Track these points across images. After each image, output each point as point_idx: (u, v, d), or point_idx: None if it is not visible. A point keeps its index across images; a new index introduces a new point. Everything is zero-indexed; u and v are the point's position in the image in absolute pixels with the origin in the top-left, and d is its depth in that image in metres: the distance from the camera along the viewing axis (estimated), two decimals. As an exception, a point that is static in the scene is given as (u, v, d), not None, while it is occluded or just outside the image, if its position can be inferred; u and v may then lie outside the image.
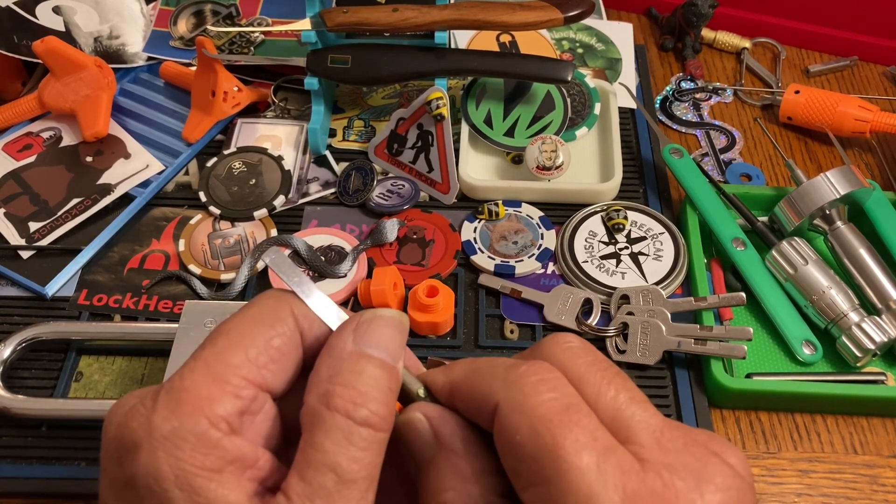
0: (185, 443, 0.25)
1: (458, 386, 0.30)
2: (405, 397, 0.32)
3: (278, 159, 0.62)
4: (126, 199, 0.60)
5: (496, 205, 0.58)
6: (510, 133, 0.62)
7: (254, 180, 0.61)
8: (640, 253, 0.56)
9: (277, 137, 0.65)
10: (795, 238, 0.54)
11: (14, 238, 0.57)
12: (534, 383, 0.28)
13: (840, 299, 0.51)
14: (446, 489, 0.29)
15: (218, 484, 0.26)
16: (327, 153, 0.63)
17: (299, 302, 0.30)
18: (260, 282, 0.55)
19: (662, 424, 0.28)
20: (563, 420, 0.26)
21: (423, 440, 0.30)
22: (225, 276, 0.55)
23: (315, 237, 0.57)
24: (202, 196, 0.60)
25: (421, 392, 0.32)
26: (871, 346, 0.50)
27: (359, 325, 0.28)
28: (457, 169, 0.60)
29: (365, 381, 0.27)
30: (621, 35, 0.73)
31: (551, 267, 0.57)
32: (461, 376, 0.30)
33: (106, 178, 0.60)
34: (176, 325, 0.49)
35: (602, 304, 0.54)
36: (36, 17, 0.69)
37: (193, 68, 0.66)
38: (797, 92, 0.66)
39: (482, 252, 0.57)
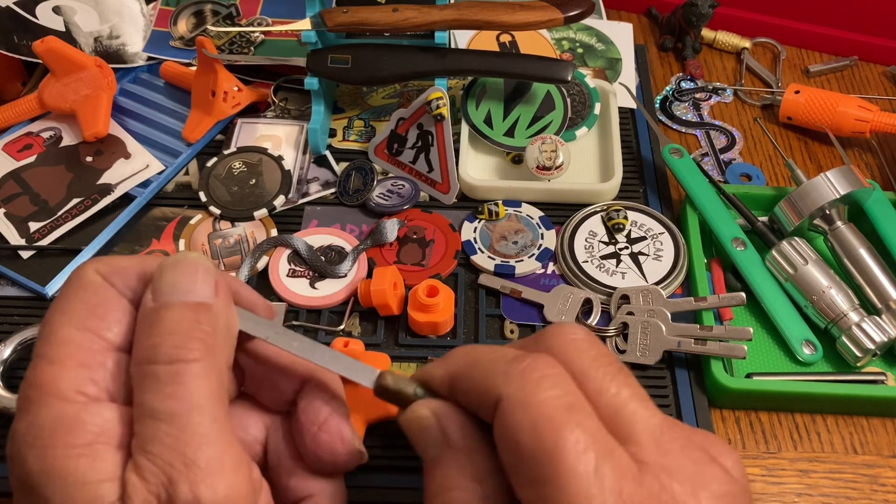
0: (42, 430, 0.25)
1: (458, 378, 0.30)
2: (402, 399, 0.32)
3: (278, 159, 0.62)
4: (126, 199, 0.60)
5: (496, 205, 0.58)
6: (510, 133, 0.62)
7: (254, 180, 0.61)
8: (640, 253, 0.56)
9: (277, 137, 0.65)
10: (795, 238, 0.54)
11: (14, 238, 0.57)
12: (536, 380, 0.27)
13: (840, 299, 0.51)
14: (452, 488, 0.29)
15: (88, 459, 0.25)
16: (327, 153, 0.63)
17: (101, 261, 0.29)
18: (260, 281, 0.55)
19: (662, 424, 0.28)
20: (564, 420, 0.26)
21: (431, 438, 0.30)
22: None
23: (315, 237, 0.57)
24: (202, 196, 0.60)
25: (418, 391, 0.31)
26: (871, 346, 0.50)
27: (153, 283, 0.28)
28: (457, 169, 0.60)
29: (163, 325, 0.27)
30: (621, 35, 0.73)
31: (551, 267, 0.57)
32: (461, 368, 0.30)
33: (106, 178, 0.60)
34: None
35: (602, 304, 0.54)
36: (36, 17, 0.69)
37: (193, 68, 0.66)
38: (797, 92, 0.66)
39: (482, 252, 0.57)
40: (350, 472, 0.33)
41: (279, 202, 0.60)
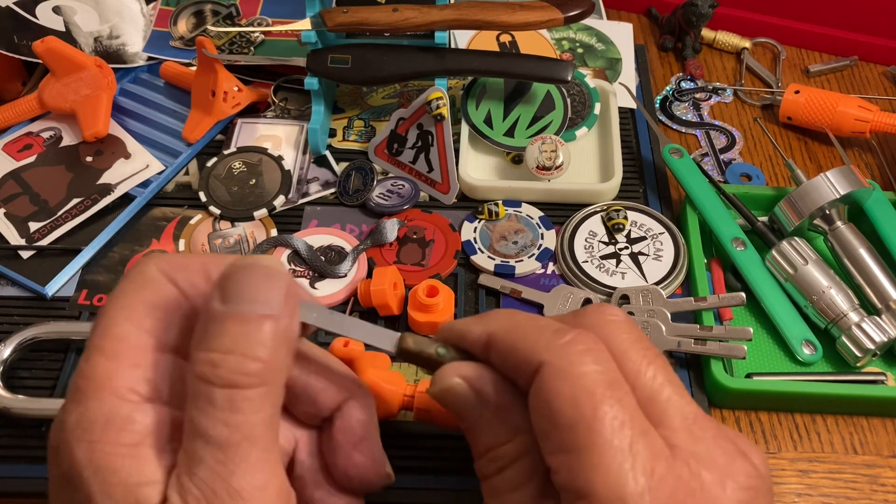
0: (94, 425, 0.25)
1: (496, 339, 0.30)
2: (424, 361, 0.32)
3: (278, 159, 0.62)
4: (126, 199, 0.60)
5: (496, 205, 0.58)
6: (510, 133, 0.62)
7: (254, 180, 0.61)
8: (640, 253, 0.56)
9: (277, 137, 0.65)
10: (795, 238, 0.54)
11: (14, 238, 0.57)
12: (580, 352, 0.28)
13: (840, 299, 0.51)
14: (501, 442, 0.29)
15: (133, 460, 0.25)
16: (327, 153, 0.63)
17: (164, 259, 0.29)
18: (260, 282, 0.55)
19: (696, 413, 0.28)
20: (605, 394, 0.26)
21: (467, 402, 0.30)
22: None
23: (315, 237, 0.57)
24: (202, 196, 0.60)
25: (441, 350, 0.31)
26: (871, 346, 0.50)
27: (223, 281, 0.27)
28: (457, 169, 0.60)
29: (226, 340, 0.25)
30: (621, 35, 0.73)
31: (551, 267, 0.57)
32: (501, 330, 0.30)
33: (106, 178, 0.60)
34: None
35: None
36: (36, 17, 0.69)
37: (193, 68, 0.66)
38: (797, 92, 0.66)
39: (482, 252, 0.57)
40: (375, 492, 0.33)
41: (279, 202, 0.60)
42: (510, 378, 0.30)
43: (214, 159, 0.62)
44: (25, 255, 0.56)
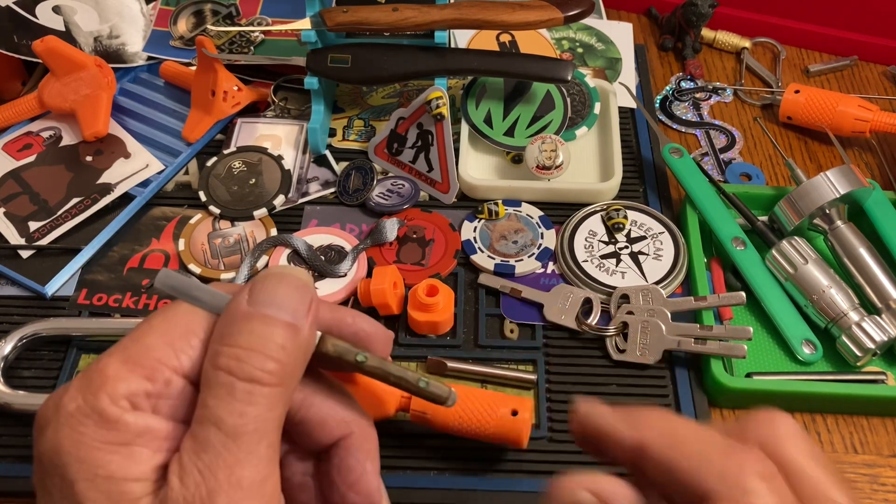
0: (87, 419, 0.26)
1: (652, 451, 0.27)
2: (343, 365, 0.31)
3: (278, 159, 0.62)
4: (126, 198, 0.60)
5: (496, 204, 0.58)
6: (510, 133, 0.62)
7: (253, 180, 0.61)
8: (640, 252, 0.56)
9: (277, 137, 0.65)
10: (795, 237, 0.54)
11: (14, 237, 0.57)
12: (757, 480, 0.25)
13: (840, 299, 0.51)
14: None
15: (122, 456, 0.26)
16: (327, 153, 0.63)
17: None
18: (260, 281, 0.55)
19: None
20: None
21: None
22: (225, 276, 0.55)
23: (315, 237, 0.57)
24: (202, 195, 0.60)
25: (360, 357, 0.30)
26: (871, 346, 0.49)
27: (252, 285, 0.28)
28: (457, 168, 0.60)
29: (251, 338, 0.27)
30: (621, 35, 0.73)
31: (551, 266, 0.57)
32: (658, 441, 0.27)
33: (106, 178, 0.60)
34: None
35: (602, 303, 0.54)
36: (36, 17, 0.69)
37: (193, 68, 0.66)
38: (797, 91, 0.66)
39: (482, 251, 0.57)
40: None
41: (279, 202, 0.60)
42: (663, 490, 0.27)
43: (214, 159, 0.62)
44: (25, 254, 0.56)
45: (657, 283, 0.54)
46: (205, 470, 0.25)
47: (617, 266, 0.56)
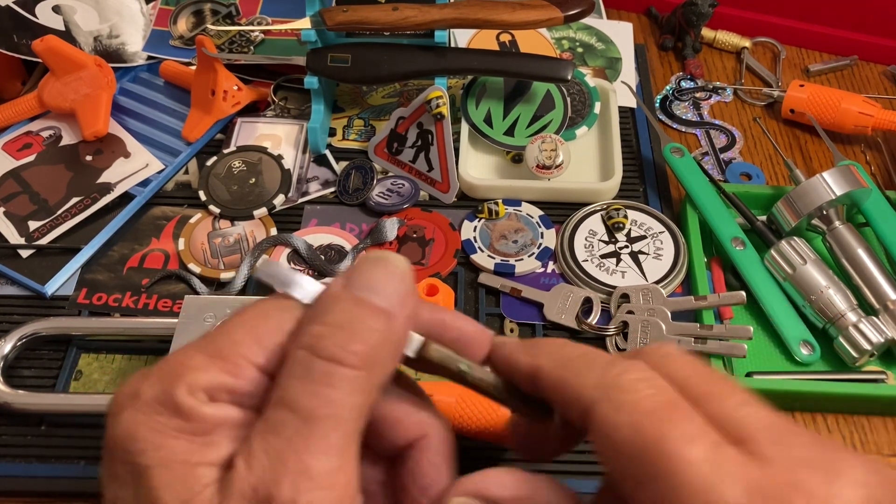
0: (164, 407, 0.25)
1: (544, 373, 0.29)
2: (447, 373, 0.30)
3: (278, 158, 0.62)
4: (126, 197, 0.60)
5: (496, 204, 0.58)
6: (510, 132, 0.62)
7: (253, 179, 0.61)
8: (640, 252, 0.56)
9: (277, 136, 0.65)
10: (794, 238, 0.54)
11: (14, 237, 0.57)
12: (633, 381, 0.26)
13: (838, 299, 0.51)
14: None
15: (198, 445, 0.25)
16: (327, 152, 0.63)
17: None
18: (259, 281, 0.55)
19: (782, 424, 0.25)
20: (666, 415, 0.25)
21: None
22: (225, 275, 0.55)
23: (315, 236, 0.57)
24: (202, 195, 0.60)
25: (463, 367, 0.30)
26: (868, 347, 0.49)
27: (350, 269, 0.27)
28: (457, 168, 0.60)
29: (338, 317, 0.25)
30: (621, 34, 0.73)
31: (551, 266, 0.57)
32: (549, 364, 0.29)
33: (105, 177, 0.60)
34: (175, 321, 0.49)
35: (602, 302, 0.54)
36: (36, 17, 0.69)
37: (193, 67, 0.65)
38: (801, 86, 0.67)
39: (482, 251, 0.57)
40: None
41: (279, 201, 0.59)
42: (562, 411, 0.29)
43: (214, 158, 0.62)
44: (25, 253, 0.56)
45: (657, 282, 0.54)
46: (273, 454, 0.24)
47: (617, 265, 0.56)
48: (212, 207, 0.59)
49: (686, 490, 0.23)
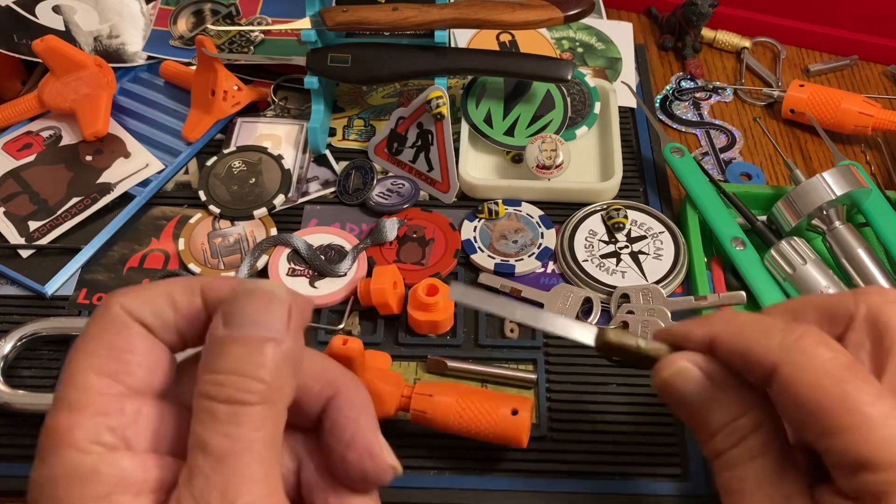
0: (58, 482, 0.25)
1: (721, 341, 0.32)
2: (624, 353, 0.34)
3: (278, 158, 0.62)
4: (126, 198, 0.60)
5: (496, 204, 0.58)
6: (510, 132, 0.62)
7: (253, 179, 0.61)
8: (641, 252, 0.56)
9: (277, 136, 0.65)
10: (794, 238, 0.54)
11: (14, 237, 0.57)
12: (813, 343, 0.29)
13: (840, 298, 0.51)
14: (739, 416, 0.31)
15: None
16: (327, 152, 0.63)
17: (128, 294, 0.28)
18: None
19: None
20: (846, 376, 0.28)
21: (698, 386, 0.32)
22: (225, 275, 0.55)
23: (315, 236, 0.57)
24: (202, 195, 0.60)
25: (642, 343, 0.33)
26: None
27: (224, 308, 0.27)
28: (457, 168, 0.60)
29: (229, 362, 0.26)
30: (621, 34, 0.73)
31: (551, 266, 0.57)
32: (726, 332, 0.32)
33: (105, 177, 0.60)
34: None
35: (602, 302, 0.54)
36: (36, 17, 0.69)
37: (193, 67, 0.66)
38: (802, 85, 0.67)
39: (482, 251, 0.57)
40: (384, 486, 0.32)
41: (279, 201, 0.59)
42: (742, 375, 0.32)
43: (214, 158, 0.62)
44: (25, 254, 0.56)
45: (657, 282, 0.54)
46: (198, 496, 0.25)
47: (617, 265, 0.56)
48: (212, 207, 0.59)
49: (873, 443, 0.27)
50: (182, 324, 0.29)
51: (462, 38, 0.72)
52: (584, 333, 0.34)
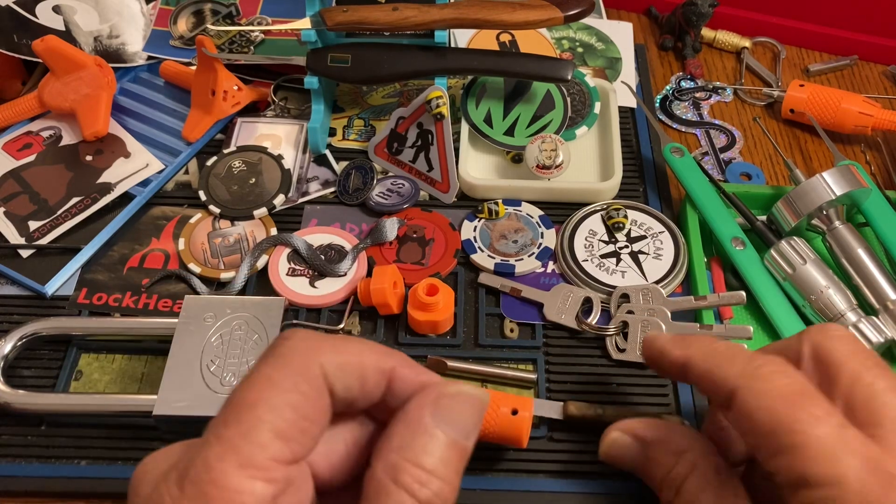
0: None
1: (694, 363, 0.35)
2: (590, 421, 0.44)
3: (278, 158, 0.62)
4: (126, 197, 0.60)
5: (496, 203, 0.58)
6: (510, 132, 0.62)
7: (253, 179, 0.61)
8: (640, 252, 0.56)
9: (277, 136, 0.65)
10: (794, 238, 0.54)
11: (14, 237, 0.57)
12: (770, 372, 0.32)
13: (838, 299, 0.51)
14: (672, 466, 0.36)
15: None
16: (327, 152, 0.63)
17: (329, 352, 0.28)
18: (259, 280, 0.55)
19: None
20: (797, 400, 0.30)
21: (631, 449, 0.38)
22: (225, 275, 0.55)
23: (315, 236, 0.57)
24: (202, 195, 0.60)
25: (599, 410, 0.43)
26: (868, 347, 0.49)
27: (438, 400, 0.28)
28: (457, 168, 0.60)
29: (434, 461, 0.27)
30: (621, 34, 0.73)
31: (551, 266, 0.57)
32: (699, 356, 0.35)
33: (106, 177, 0.60)
34: (176, 321, 0.49)
35: (602, 302, 0.54)
36: (36, 17, 0.69)
37: (193, 67, 0.66)
38: (802, 85, 0.67)
39: (482, 251, 0.57)
40: None
41: (279, 201, 0.60)
42: (708, 396, 0.35)
43: (214, 158, 0.62)
44: (25, 253, 0.56)
45: (657, 282, 0.55)
46: None
47: (617, 265, 0.56)
48: (212, 207, 0.59)
49: (812, 460, 0.28)
50: (360, 398, 0.29)
51: (462, 38, 0.72)
52: (549, 409, 0.46)
